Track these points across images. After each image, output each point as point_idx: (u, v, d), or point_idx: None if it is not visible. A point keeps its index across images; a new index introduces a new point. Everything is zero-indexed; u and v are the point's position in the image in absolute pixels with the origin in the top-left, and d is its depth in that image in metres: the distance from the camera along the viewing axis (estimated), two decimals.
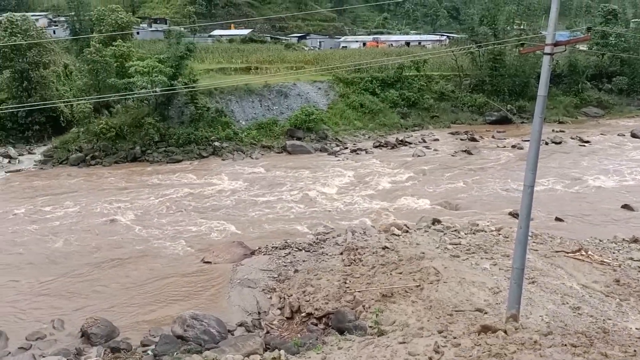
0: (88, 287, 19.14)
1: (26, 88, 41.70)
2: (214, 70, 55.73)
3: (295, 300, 16.49)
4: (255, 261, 20.45)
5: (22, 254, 22.32)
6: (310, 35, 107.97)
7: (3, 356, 14.37)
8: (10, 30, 41.63)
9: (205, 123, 42.50)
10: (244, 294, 17.79)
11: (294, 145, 42.58)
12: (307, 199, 29.89)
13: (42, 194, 31.08)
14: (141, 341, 15.03)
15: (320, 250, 20.84)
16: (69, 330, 15.94)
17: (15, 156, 39.37)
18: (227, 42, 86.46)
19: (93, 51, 43.35)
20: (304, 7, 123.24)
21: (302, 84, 50.82)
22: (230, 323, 15.92)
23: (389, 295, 15.61)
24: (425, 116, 54.10)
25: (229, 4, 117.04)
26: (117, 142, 39.64)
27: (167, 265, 21.00)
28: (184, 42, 44.63)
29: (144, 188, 32.23)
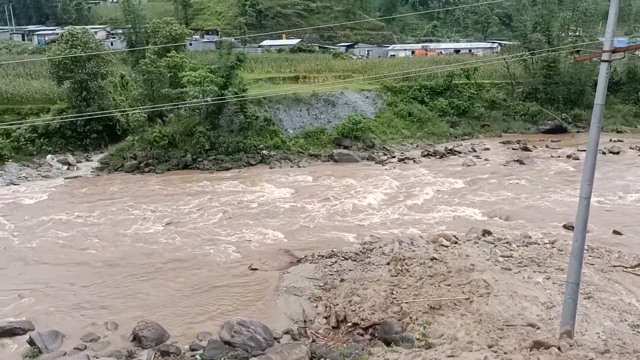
0: (139, 291, 19.67)
1: (85, 98, 43.50)
2: (263, 79, 56.60)
3: (341, 310, 16.40)
4: (301, 269, 20.50)
5: (77, 258, 23.20)
6: (358, 44, 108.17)
7: (59, 356, 14.94)
8: (71, 43, 43.62)
9: (254, 132, 43.16)
10: (290, 301, 17.84)
11: (340, 153, 42.60)
12: (353, 208, 29.79)
13: (97, 200, 32.28)
14: (190, 345, 15.29)
15: (367, 259, 20.68)
16: (122, 332, 16.40)
17: (74, 163, 41.16)
18: (276, 52, 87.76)
19: (148, 62, 44.86)
20: (353, 17, 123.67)
21: (350, 92, 50.89)
22: (277, 330, 15.99)
23: (437, 307, 15.29)
24: (475, 125, 53.08)
25: (279, 15, 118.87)
26: (170, 150, 40.80)
27: (215, 272, 21.33)
28: (234, 52, 45.55)
29: (195, 195, 32.95)
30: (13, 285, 20.43)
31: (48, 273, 21.55)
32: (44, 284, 20.44)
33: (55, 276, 21.20)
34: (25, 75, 54.73)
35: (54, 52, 45.24)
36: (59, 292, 19.82)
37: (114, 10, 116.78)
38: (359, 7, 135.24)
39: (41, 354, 15.02)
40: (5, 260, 22.92)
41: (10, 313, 18.01)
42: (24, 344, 15.65)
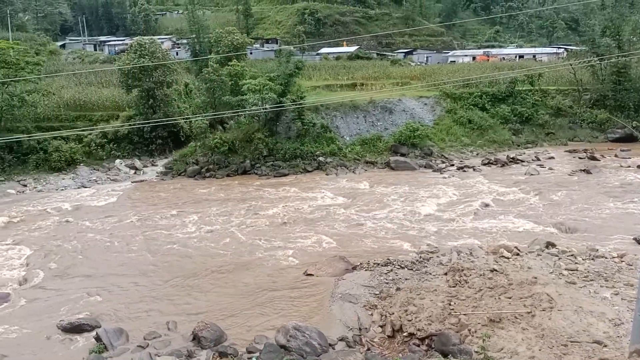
0: (199, 293, 20.25)
1: (151, 105, 45.32)
2: (321, 87, 57.06)
3: (397, 319, 16.24)
4: (356, 276, 20.46)
5: (141, 259, 24.17)
6: (417, 51, 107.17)
7: (123, 352, 15.59)
8: (139, 53, 45.65)
9: (311, 138, 43.57)
10: (345, 308, 17.83)
11: (397, 161, 42.25)
12: (410, 216, 29.46)
13: (162, 203, 33.54)
14: (247, 348, 15.58)
15: (424, 269, 20.37)
16: (182, 332, 16.93)
17: (140, 167, 42.97)
18: (334, 59, 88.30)
19: (210, 71, 46.26)
20: (412, 23, 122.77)
21: (408, 99, 50.43)
22: (331, 337, 16.02)
23: (497, 320, 14.86)
24: (539, 133, 51.28)
25: (337, 23, 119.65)
26: (230, 156, 41.84)
27: (271, 276, 21.64)
28: (293, 60, 46.21)
29: (252, 200, 33.60)
30: (82, 283, 21.55)
31: (114, 272, 22.56)
32: (110, 282, 21.43)
33: (120, 275, 22.19)
34: (97, 83, 57.66)
35: (123, 62, 47.50)
36: (124, 290, 20.72)
37: (180, 21, 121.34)
38: (419, 13, 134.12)
39: (106, 350, 15.71)
40: (75, 259, 24.19)
41: (78, 310, 18.99)
42: (91, 340, 16.44)
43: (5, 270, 22.98)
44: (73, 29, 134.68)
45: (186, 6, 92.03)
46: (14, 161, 40.20)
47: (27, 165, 40.32)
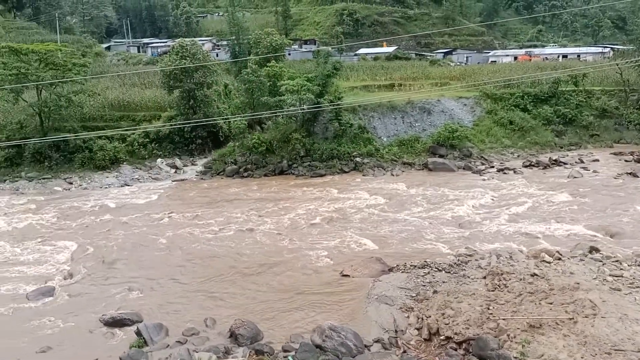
0: (235, 291, 20.53)
1: (192, 106, 46.17)
2: (358, 87, 56.90)
3: (433, 322, 16.06)
4: (393, 278, 20.34)
5: (180, 256, 24.66)
6: (456, 51, 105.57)
7: (163, 348, 15.95)
8: (181, 54, 46.59)
9: (348, 139, 43.52)
10: (381, 310, 17.75)
11: (435, 162, 41.73)
12: (448, 218, 29.06)
13: (200, 202, 34.14)
14: (282, 346, 15.70)
15: (462, 272, 20.09)
16: (219, 329, 17.20)
17: (181, 167, 43.87)
18: (372, 60, 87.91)
19: (249, 72, 46.78)
20: (452, 23, 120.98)
21: (447, 100, 49.76)
22: (367, 338, 15.98)
23: (538, 325, 14.53)
24: (583, 134, 49.72)
25: (375, 23, 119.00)
26: (267, 156, 42.24)
27: (307, 276, 21.73)
28: (331, 61, 46.26)
29: (289, 200, 33.81)
30: (123, 278, 22.15)
31: (154, 269, 23.11)
32: (150, 278, 21.96)
33: (160, 272, 22.70)
34: (140, 84, 59.12)
35: (165, 63, 48.59)
36: (164, 287, 21.20)
37: (220, 22, 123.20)
38: (459, 12, 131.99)
39: (146, 345, 16.11)
40: (117, 255, 24.89)
41: (120, 304, 19.53)
42: (132, 334, 16.90)
43: (51, 265, 23.84)
44: (118, 32, 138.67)
45: (226, 8, 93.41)
46: (60, 159, 41.69)
47: (73, 163, 41.73)
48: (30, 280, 21.91)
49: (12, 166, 41.27)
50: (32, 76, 41.08)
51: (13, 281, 21.90)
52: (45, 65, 43.06)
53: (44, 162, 41.49)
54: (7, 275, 22.54)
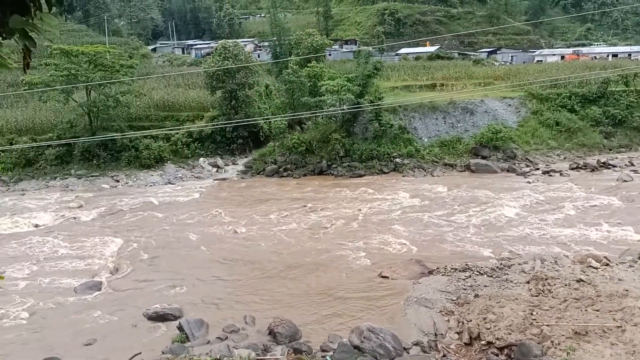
0: (274, 289, 20.69)
1: (234, 106, 46.85)
2: (399, 87, 56.41)
3: (474, 326, 15.76)
4: (433, 281, 20.07)
5: (221, 253, 25.05)
6: (501, 50, 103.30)
7: (204, 343, 16.22)
8: (223, 55, 47.37)
9: (388, 139, 43.20)
10: (421, 313, 17.55)
11: (478, 164, 40.96)
12: (490, 221, 28.48)
13: (241, 201, 34.61)
14: (320, 346, 15.72)
15: (504, 276, 19.62)
16: (258, 327, 17.37)
17: (222, 166, 44.61)
18: (413, 59, 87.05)
19: (290, 72, 47.09)
20: (496, 22, 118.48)
21: (490, 100, 48.74)
22: (406, 341, 15.82)
23: (583, 333, 14.04)
24: (634, 136, 47.79)
25: (417, 23, 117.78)
26: (307, 156, 42.42)
27: (346, 276, 21.70)
28: (371, 61, 46.05)
29: (328, 200, 33.86)
30: (166, 274, 22.68)
31: (196, 265, 23.56)
32: (192, 275, 22.40)
33: (202, 269, 23.13)
34: (184, 85, 60.37)
35: (208, 64, 49.48)
36: (204, 283, 21.58)
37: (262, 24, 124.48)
38: (504, 11, 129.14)
39: (188, 340, 16.43)
40: (160, 251, 25.50)
41: (163, 300, 19.99)
42: (174, 329, 17.25)
43: (98, 260, 24.64)
44: (163, 34, 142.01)
45: (268, 9, 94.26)
46: (108, 158, 43.04)
47: (120, 162, 43.01)
48: (78, 275, 22.71)
49: (62, 164, 42.86)
50: (82, 77, 42.54)
51: (62, 275, 22.74)
52: (94, 67, 44.53)
53: (93, 161, 42.92)
54: (56, 269, 23.43)
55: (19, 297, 20.25)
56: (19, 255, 25.37)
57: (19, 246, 26.65)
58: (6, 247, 26.60)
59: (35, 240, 27.48)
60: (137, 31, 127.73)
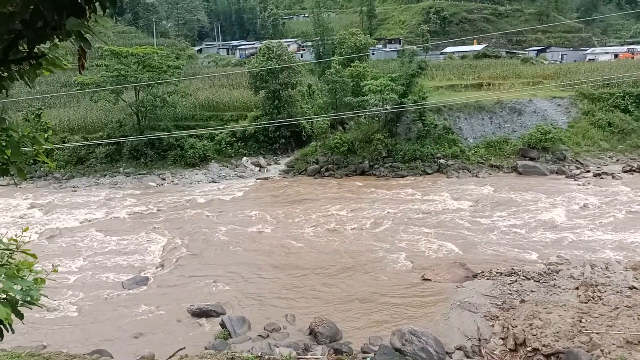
0: (316, 289, 20.72)
1: (276, 106, 47.25)
2: (444, 87, 55.59)
3: (520, 332, 15.34)
4: (477, 285, 19.66)
5: (263, 251, 25.30)
6: (550, 48, 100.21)
7: (245, 340, 16.42)
8: (267, 56, 47.84)
9: (432, 140, 42.63)
10: (464, 317, 17.21)
11: (525, 165, 39.87)
12: (537, 225, 27.66)
13: (283, 200, 34.87)
14: (361, 347, 15.64)
15: (552, 282, 19.04)
16: (299, 326, 17.44)
17: (265, 165, 45.06)
18: (459, 58, 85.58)
19: (333, 72, 47.09)
20: (546, 19, 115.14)
21: (539, 100, 47.36)
22: (449, 345, 15.55)
23: (636, 342, 13.46)
24: None
25: (464, 21, 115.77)
26: (349, 156, 42.33)
27: (387, 278, 21.52)
28: (416, 60, 45.55)
29: (370, 201, 33.68)
30: (210, 271, 23.06)
31: (239, 263, 23.87)
32: (235, 272, 22.71)
33: (244, 266, 23.41)
34: (228, 85, 61.31)
35: (252, 65, 50.08)
36: (247, 281, 21.84)
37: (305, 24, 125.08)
38: (554, 8, 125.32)
39: (230, 337, 16.65)
40: (204, 248, 25.97)
41: (206, 296, 20.34)
42: (216, 326, 17.53)
43: (145, 256, 25.31)
44: (209, 35, 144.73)
45: (312, 9, 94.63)
46: (155, 157, 44.18)
47: (166, 160, 44.08)
48: (126, 270, 23.39)
49: (111, 162, 44.28)
50: (131, 77, 43.80)
51: (110, 270, 23.47)
52: (142, 67, 45.79)
53: (140, 159, 44.14)
54: (105, 264, 24.21)
55: (70, 291, 21.02)
56: (70, 249, 26.36)
57: (70, 241, 27.70)
58: (59, 241, 27.69)
59: (86, 235, 28.49)
60: (184, 32, 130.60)
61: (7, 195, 37.06)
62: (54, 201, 36.19)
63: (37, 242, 26.55)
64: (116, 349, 15.86)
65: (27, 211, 33.83)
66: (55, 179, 42.28)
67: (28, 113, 45.74)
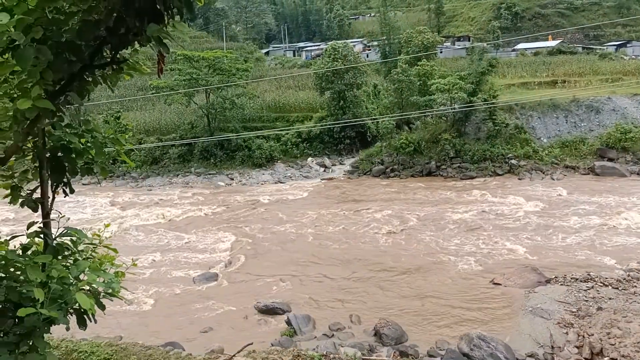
0: (380, 291, 20.58)
1: (342, 107, 47.39)
2: (516, 85, 53.71)
3: (597, 341, 14.57)
4: (550, 290, 18.85)
5: (327, 251, 25.44)
6: (631, 43, 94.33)
7: (311, 339, 16.58)
8: (333, 57, 48.08)
9: (503, 140, 41.27)
10: (536, 323, 16.55)
11: (604, 166, 37.79)
12: (616, 228, 26.15)
13: (348, 201, 34.92)
14: (427, 351, 15.39)
15: (632, 289, 17.96)
16: (364, 327, 17.39)
17: (329, 166, 45.30)
18: (532, 55, 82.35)
19: (399, 71, 46.62)
20: (626, 12, 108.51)
21: (619, 97, 44.73)
22: (519, 352, 14.99)
23: None
24: None
25: (537, 16, 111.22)
26: (415, 157, 41.77)
27: (455, 281, 21.04)
28: (486, 57, 44.30)
29: (437, 202, 33.08)
30: (276, 269, 23.46)
31: (304, 262, 24.13)
32: (300, 271, 22.98)
33: (309, 266, 23.64)
34: (294, 87, 62.24)
35: (318, 66, 50.50)
36: (312, 280, 22.03)
37: (371, 23, 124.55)
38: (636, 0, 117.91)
39: (295, 335, 16.87)
40: (271, 247, 26.48)
41: (272, 294, 20.71)
42: (282, 323, 17.80)
43: (215, 253, 26.13)
44: (276, 37, 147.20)
45: (378, 9, 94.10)
46: (224, 157, 45.54)
47: (234, 161, 45.32)
48: (196, 266, 24.24)
49: (183, 162, 46.05)
50: (202, 81, 45.38)
51: (182, 266, 24.41)
52: (213, 71, 47.32)
53: (210, 159, 45.63)
54: (178, 260, 25.20)
55: (144, 285, 22.04)
56: (146, 245, 27.64)
57: (145, 237, 29.06)
58: (136, 237, 29.12)
59: (160, 232, 29.79)
60: (252, 36, 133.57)
61: (88, 194, 39.38)
62: (131, 199, 38.08)
63: (116, 238, 28.03)
64: (187, 342, 16.45)
65: (107, 209, 35.81)
66: (132, 179, 44.49)
67: (108, 115, 48.39)
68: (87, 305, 4.03)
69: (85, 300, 4.01)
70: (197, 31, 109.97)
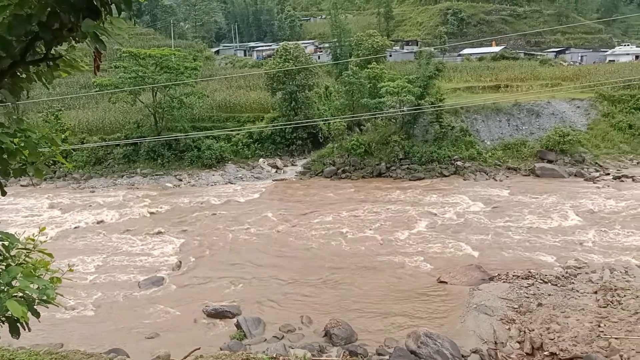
0: (330, 291, 20.71)
1: (293, 107, 47.29)
2: (461, 89, 55.19)
3: (537, 336, 15.16)
4: (493, 287, 19.49)
5: (278, 253, 25.37)
6: (570, 50, 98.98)
7: (260, 341, 16.47)
8: (284, 57, 47.93)
9: (449, 142, 42.34)
10: (480, 320, 17.07)
11: (543, 168, 39.40)
12: (554, 228, 27.33)
13: (300, 202, 34.91)
14: (376, 350, 15.59)
15: (570, 285, 18.80)
16: (314, 327, 17.44)
17: (281, 167, 45.12)
18: (476, 60, 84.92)
19: (350, 74, 47.01)
20: (565, 20, 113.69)
21: (558, 102, 46.78)
22: (464, 348, 15.42)
23: None
24: None
25: (482, 22, 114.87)
26: (365, 158, 42.21)
27: (403, 280, 21.42)
28: (433, 62, 45.30)
29: (387, 203, 33.57)
30: (225, 272, 23.19)
31: (254, 264, 23.96)
32: (250, 274, 22.80)
33: (260, 268, 23.50)
34: (245, 87, 61.60)
35: (269, 66, 50.21)
36: (262, 282, 21.90)
37: (323, 25, 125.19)
38: (573, 9, 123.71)
39: (245, 338, 16.72)
40: (220, 250, 26.12)
41: (221, 297, 20.44)
42: (232, 326, 17.62)
43: (161, 257, 25.51)
44: (226, 36, 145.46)
45: (329, 11, 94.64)
46: (172, 157, 44.54)
47: (183, 161, 44.40)
48: (143, 270, 23.60)
49: (129, 163, 44.70)
50: (149, 79, 44.20)
51: (127, 270, 23.71)
52: (160, 69, 46.17)
53: (157, 160, 44.51)
54: (122, 264, 24.46)
55: (87, 290, 21.28)
56: (88, 249, 26.67)
57: (87, 241, 28.04)
58: (75, 241, 28.06)
59: (103, 235, 28.83)
60: (201, 34, 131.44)
61: (26, 195, 37.65)
62: (72, 201, 36.68)
63: (55, 242, 26.91)
64: (132, 349, 16.00)
65: (45, 211, 34.34)
66: (74, 180, 42.83)
67: (48, 114, 46.42)
68: (19, 313, 3.83)
69: (17, 307, 3.81)
70: (144, 28, 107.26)
